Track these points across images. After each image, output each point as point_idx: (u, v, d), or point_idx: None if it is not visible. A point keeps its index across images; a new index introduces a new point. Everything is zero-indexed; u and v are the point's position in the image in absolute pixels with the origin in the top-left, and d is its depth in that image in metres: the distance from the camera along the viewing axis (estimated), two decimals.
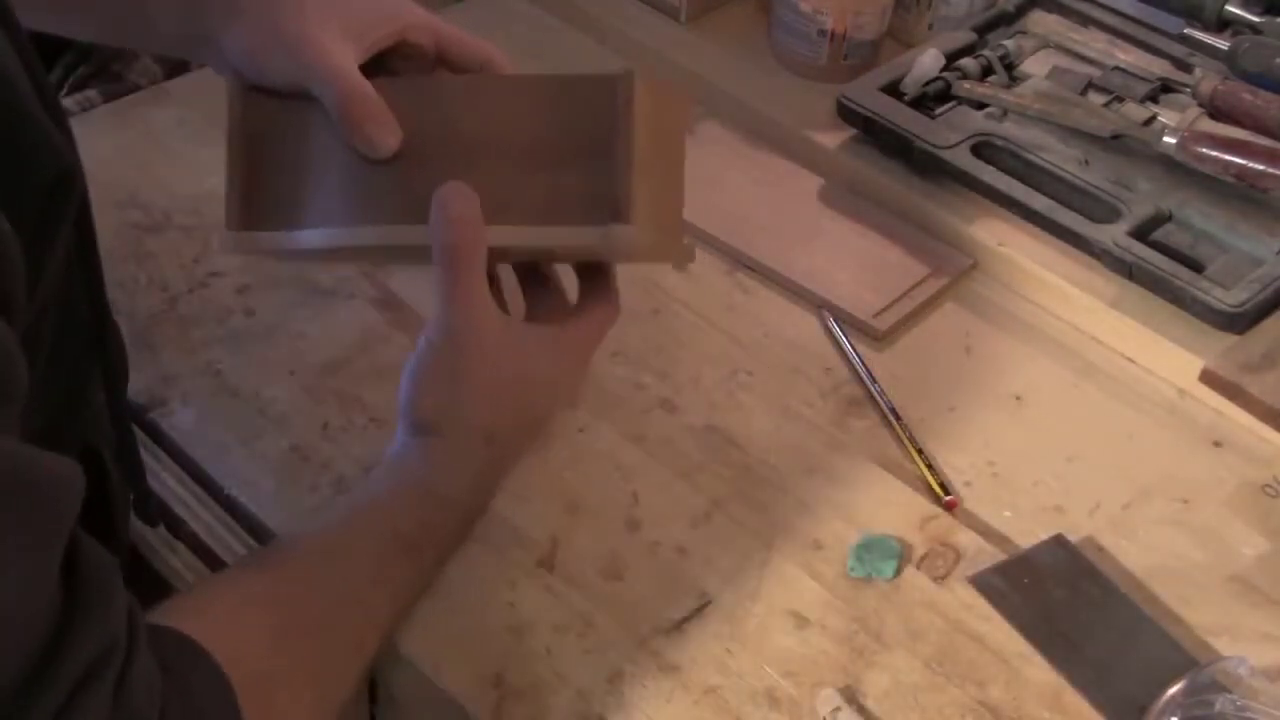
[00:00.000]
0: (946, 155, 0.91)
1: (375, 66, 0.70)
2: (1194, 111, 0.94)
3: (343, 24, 0.68)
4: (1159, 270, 0.84)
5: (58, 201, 0.55)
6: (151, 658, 0.50)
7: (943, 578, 0.70)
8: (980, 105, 0.96)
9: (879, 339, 0.84)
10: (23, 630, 0.44)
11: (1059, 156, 0.92)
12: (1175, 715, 0.61)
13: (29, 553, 0.44)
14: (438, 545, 0.68)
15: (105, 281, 0.63)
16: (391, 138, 0.67)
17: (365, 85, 0.67)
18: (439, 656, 0.65)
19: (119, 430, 0.68)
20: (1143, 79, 0.98)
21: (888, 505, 0.74)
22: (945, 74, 0.97)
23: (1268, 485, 0.77)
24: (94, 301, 0.64)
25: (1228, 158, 0.87)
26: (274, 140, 0.69)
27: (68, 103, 1.03)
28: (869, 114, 0.94)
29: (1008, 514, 0.75)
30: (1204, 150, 0.88)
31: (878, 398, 0.80)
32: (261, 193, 0.69)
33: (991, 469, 0.77)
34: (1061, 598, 0.69)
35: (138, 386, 0.76)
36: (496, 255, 0.69)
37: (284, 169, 0.69)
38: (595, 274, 0.74)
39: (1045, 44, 1.02)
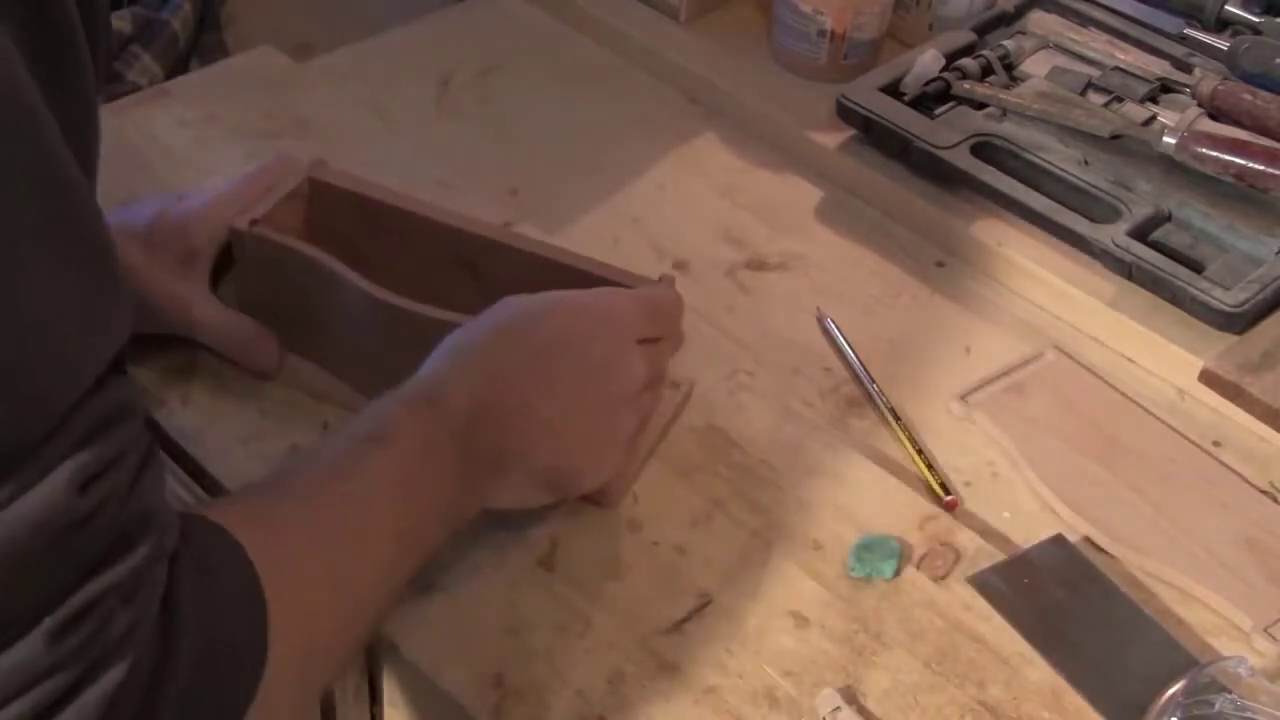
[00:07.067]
0: (946, 155, 0.91)
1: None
2: (1194, 111, 0.94)
3: (178, 259, 0.75)
4: (1158, 270, 0.84)
5: None
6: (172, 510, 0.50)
7: (942, 578, 0.70)
8: (980, 105, 0.96)
9: None
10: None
11: (1059, 156, 0.92)
12: (1175, 715, 0.61)
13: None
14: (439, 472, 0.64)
15: None
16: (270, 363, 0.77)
17: (236, 325, 0.76)
18: (439, 656, 0.65)
19: None
20: (1142, 79, 0.98)
21: (888, 505, 0.74)
22: (945, 74, 0.97)
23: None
24: None
25: (1227, 158, 0.87)
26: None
27: None
28: (869, 114, 0.94)
29: (1007, 514, 0.75)
30: (1204, 150, 0.88)
31: (877, 398, 0.80)
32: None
33: (991, 469, 0.77)
34: (1061, 598, 0.69)
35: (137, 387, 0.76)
36: None
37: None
38: None
39: (1045, 44, 1.02)
